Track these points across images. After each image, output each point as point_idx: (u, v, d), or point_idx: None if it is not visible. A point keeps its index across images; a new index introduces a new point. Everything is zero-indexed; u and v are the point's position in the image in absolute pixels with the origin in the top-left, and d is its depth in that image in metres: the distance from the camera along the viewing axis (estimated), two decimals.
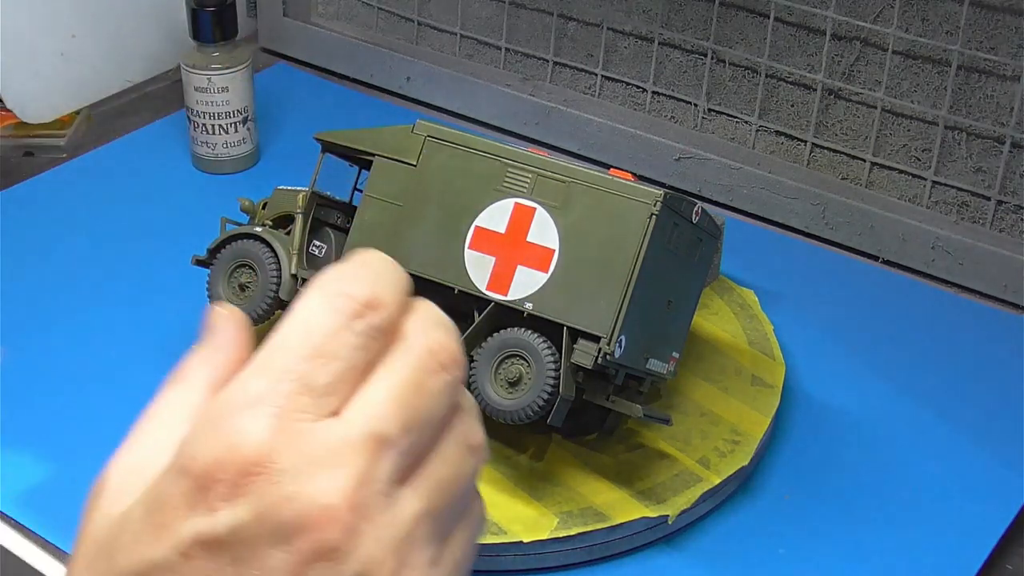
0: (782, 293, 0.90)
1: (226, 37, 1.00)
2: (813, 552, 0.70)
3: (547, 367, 0.65)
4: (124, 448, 0.39)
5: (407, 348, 0.38)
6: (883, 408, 0.80)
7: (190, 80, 1.01)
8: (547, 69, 1.10)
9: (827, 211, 0.97)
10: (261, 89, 1.08)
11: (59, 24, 1.10)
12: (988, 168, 0.92)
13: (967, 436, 0.78)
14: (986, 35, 0.89)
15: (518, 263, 0.68)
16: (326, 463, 0.34)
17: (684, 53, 1.03)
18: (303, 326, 0.38)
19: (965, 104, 0.91)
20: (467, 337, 0.68)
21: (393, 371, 0.37)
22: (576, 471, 0.71)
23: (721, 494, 0.72)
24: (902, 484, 0.75)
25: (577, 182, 0.68)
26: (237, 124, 1.02)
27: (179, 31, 1.06)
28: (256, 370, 0.37)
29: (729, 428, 0.75)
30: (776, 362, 0.80)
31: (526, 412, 0.66)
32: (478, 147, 0.71)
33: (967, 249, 0.92)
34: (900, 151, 0.96)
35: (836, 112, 0.98)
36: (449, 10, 1.14)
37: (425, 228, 0.70)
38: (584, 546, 0.68)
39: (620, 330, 0.65)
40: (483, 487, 0.71)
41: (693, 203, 0.69)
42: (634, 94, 1.07)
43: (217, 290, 0.74)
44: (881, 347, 0.86)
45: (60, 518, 0.70)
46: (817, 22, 0.96)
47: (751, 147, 1.02)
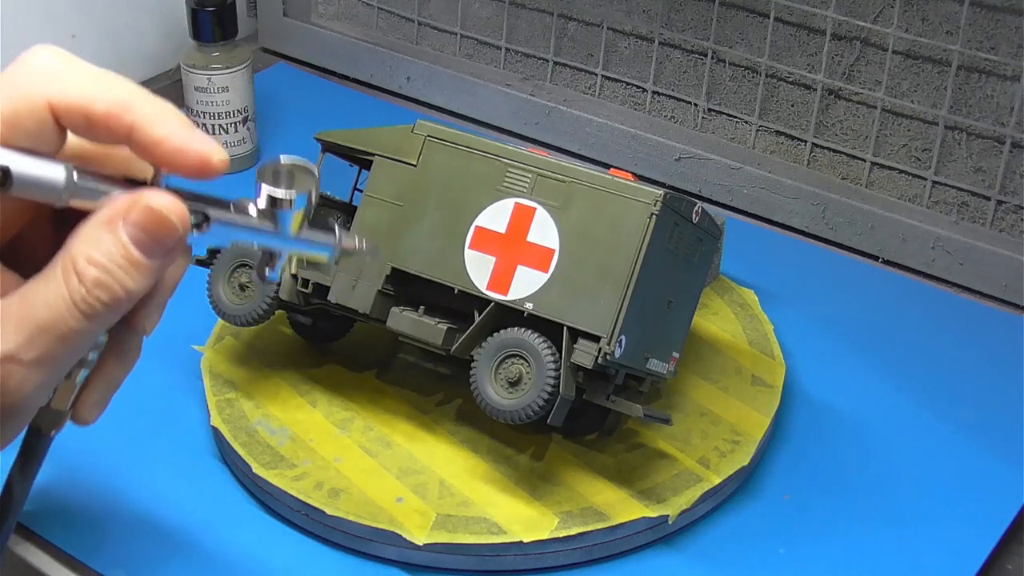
0: (782, 293, 0.90)
1: (226, 37, 1.00)
2: (813, 552, 0.70)
3: (547, 367, 0.65)
4: None
5: None
6: (883, 408, 0.80)
7: (190, 80, 1.01)
8: (547, 69, 1.10)
9: (827, 211, 0.97)
10: (261, 89, 1.08)
11: (59, 24, 1.10)
12: (988, 168, 0.92)
13: (967, 436, 0.78)
14: (986, 35, 0.89)
15: (518, 263, 0.68)
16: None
17: (684, 53, 1.03)
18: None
19: (965, 104, 0.91)
20: (467, 337, 0.68)
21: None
22: (576, 471, 0.71)
23: (721, 494, 0.72)
24: (902, 484, 0.75)
25: (577, 182, 0.68)
26: (237, 124, 1.02)
27: (179, 31, 1.06)
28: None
29: (729, 428, 0.75)
30: (776, 362, 0.80)
31: (526, 412, 0.66)
32: (478, 147, 0.71)
33: (967, 249, 0.92)
34: (900, 151, 0.96)
35: (836, 112, 0.98)
36: (449, 10, 1.14)
37: (425, 228, 0.70)
38: (584, 546, 0.68)
39: (620, 330, 0.65)
40: (483, 487, 0.71)
41: (693, 203, 0.69)
42: (634, 94, 1.07)
43: (217, 290, 0.74)
44: (881, 347, 0.86)
45: (60, 518, 0.70)
46: (817, 22, 0.96)
47: (751, 147, 1.02)
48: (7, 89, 0.44)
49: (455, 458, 0.72)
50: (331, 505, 0.68)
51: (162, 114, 0.45)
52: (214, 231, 0.47)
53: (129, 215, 0.44)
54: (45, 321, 0.44)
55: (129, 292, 0.45)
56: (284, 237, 0.49)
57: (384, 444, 0.73)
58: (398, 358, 0.80)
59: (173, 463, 0.74)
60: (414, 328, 0.70)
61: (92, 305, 0.44)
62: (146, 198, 0.45)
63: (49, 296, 0.44)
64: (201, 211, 0.46)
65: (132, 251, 0.44)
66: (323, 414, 0.75)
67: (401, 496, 0.69)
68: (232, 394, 0.76)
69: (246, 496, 0.72)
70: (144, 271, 0.45)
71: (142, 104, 0.45)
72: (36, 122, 0.44)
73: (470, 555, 0.67)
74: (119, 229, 0.44)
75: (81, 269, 0.44)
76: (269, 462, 0.71)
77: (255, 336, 0.81)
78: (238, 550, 0.69)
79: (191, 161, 0.45)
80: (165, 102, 0.46)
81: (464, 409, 0.76)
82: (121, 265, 0.44)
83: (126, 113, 0.45)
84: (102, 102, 0.44)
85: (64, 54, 0.45)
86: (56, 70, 0.45)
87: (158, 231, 0.45)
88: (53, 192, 0.44)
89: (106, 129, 0.45)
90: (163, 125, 0.45)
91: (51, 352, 0.45)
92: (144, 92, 0.45)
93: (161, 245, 0.45)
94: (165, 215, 0.45)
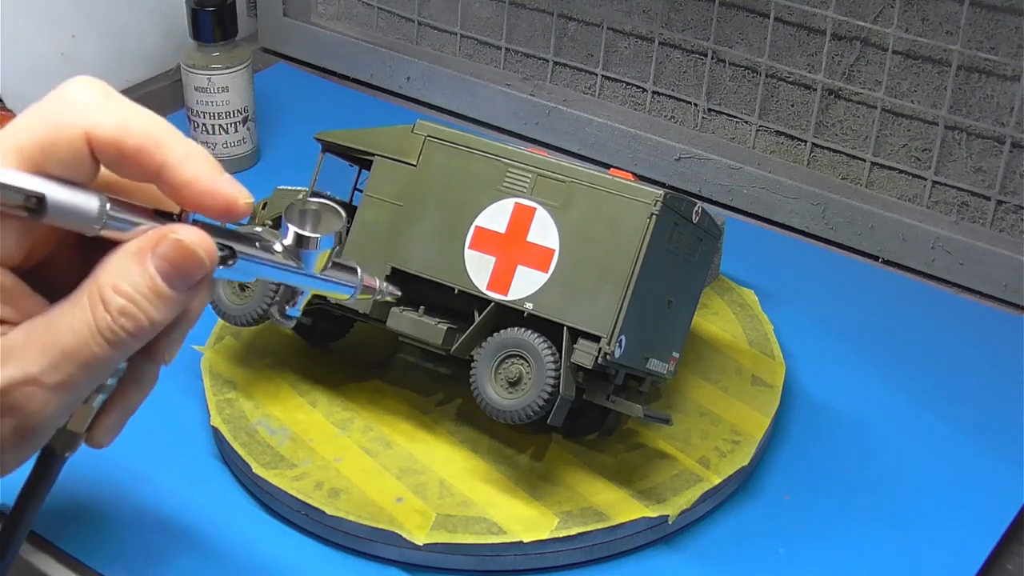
0: (782, 293, 0.90)
1: (226, 37, 1.00)
2: (813, 552, 0.70)
3: (547, 367, 0.65)
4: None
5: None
6: (883, 408, 0.80)
7: (190, 80, 1.01)
8: (547, 69, 1.10)
9: (827, 211, 0.97)
10: (261, 89, 1.08)
11: (59, 24, 1.10)
12: (988, 168, 0.92)
13: (967, 436, 0.78)
14: (986, 35, 0.89)
15: (518, 263, 0.68)
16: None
17: (684, 53, 1.03)
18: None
19: (965, 104, 0.91)
20: (467, 337, 0.68)
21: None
22: (576, 471, 0.71)
23: (721, 494, 0.72)
24: (902, 484, 0.75)
25: (577, 182, 0.68)
26: (237, 124, 1.02)
27: (179, 31, 1.06)
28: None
29: (729, 428, 0.75)
30: (776, 362, 0.80)
31: (526, 412, 0.66)
32: (478, 147, 0.71)
33: (967, 249, 0.92)
34: (900, 151, 0.96)
35: (836, 112, 0.98)
36: (449, 10, 1.14)
37: (425, 228, 0.70)
38: (584, 546, 0.68)
39: (620, 330, 0.65)
40: (483, 487, 0.71)
41: (693, 203, 0.69)
42: (634, 94, 1.07)
43: (217, 290, 0.74)
44: (881, 347, 0.86)
45: (60, 517, 0.70)
46: (817, 22, 0.96)
47: (751, 147, 1.02)
48: (45, 118, 0.45)
49: (455, 458, 0.72)
50: (331, 505, 0.68)
51: (192, 155, 0.46)
52: (240, 267, 0.48)
53: (158, 248, 0.45)
54: (69, 346, 0.45)
55: (153, 322, 0.46)
56: (308, 275, 0.50)
57: (384, 444, 0.73)
58: (398, 358, 0.80)
59: (173, 463, 0.74)
60: (414, 328, 0.70)
61: (116, 333, 0.45)
62: (176, 232, 0.45)
63: (75, 322, 0.45)
64: (228, 246, 0.47)
65: (159, 283, 0.45)
66: (323, 414, 0.75)
67: (401, 496, 0.69)
68: (232, 394, 0.76)
69: (246, 496, 0.72)
70: (169, 303, 0.46)
71: (173, 143, 0.46)
72: (72, 152, 0.45)
73: (470, 555, 0.67)
74: (147, 261, 0.45)
75: (108, 297, 0.45)
76: (269, 462, 0.71)
77: (255, 336, 0.81)
78: (238, 550, 0.69)
79: (218, 204, 0.46)
80: (194, 143, 0.47)
81: (464, 409, 0.76)
82: (147, 296, 0.45)
83: (157, 151, 0.45)
84: (135, 137, 0.45)
85: (102, 86, 0.46)
86: (93, 101, 0.45)
87: (185, 264, 0.45)
88: (86, 221, 0.44)
89: (136, 165, 0.45)
90: (193, 166, 0.46)
91: (73, 377, 0.45)
92: (176, 132, 0.46)
93: (188, 278, 0.46)
94: (193, 249, 0.46)
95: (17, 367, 0.45)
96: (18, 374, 0.45)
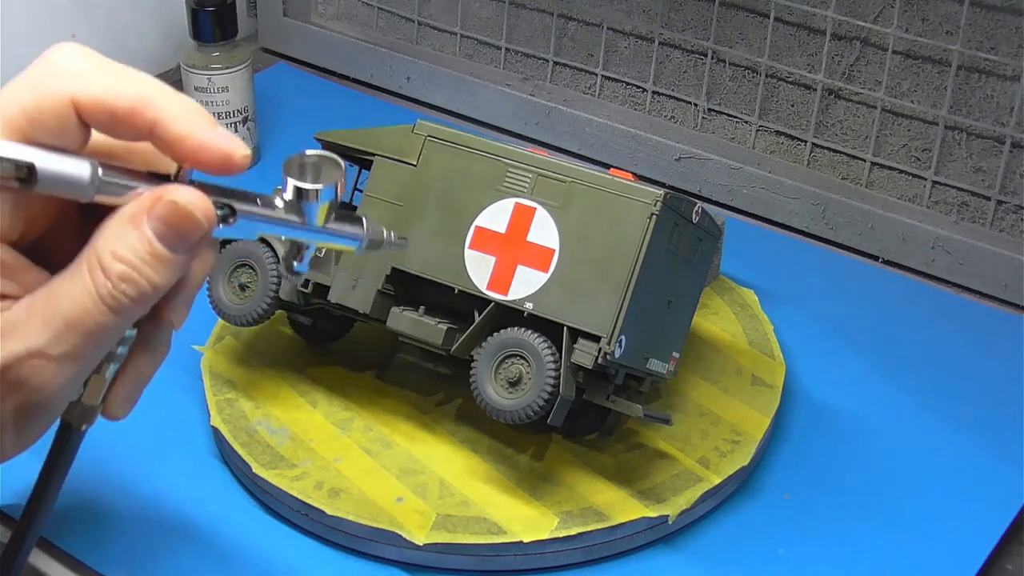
0: (782, 293, 0.90)
1: (226, 37, 1.00)
2: (813, 552, 0.70)
3: (547, 367, 0.65)
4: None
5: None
6: (883, 408, 0.80)
7: (190, 80, 1.01)
8: (547, 69, 1.10)
9: (827, 211, 0.97)
10: (261, 89, 1.08)
11: (59, 24, 1.10)
12: (988, 168, 0.92)
13: (967, 436, 0.78)
14: (986, 35, 0.89)
15: (518, 263, 0.68)
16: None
17: (684, 53, 1.03)
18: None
19: (965, 104, 0.91)
20: (467, 337, 0.68)
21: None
22: (576, 471, 0.71)
23: (721, 494, 0.72)
24: (902, 484, 0.75)
25: (577, 182, 0.68)
26: (237, 124, 1.02)
27: (179, 31, 1.06)
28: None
29: (729, 428, 0.75)
30: (776, 362, 0.80)
31: (526, 412, 0.66)
32: (478, 147, 0.71)
33: (967, 249, 0.92)
34: (900, 151, 0.96)
35: (836, 112, 0.98)
36: (449, 10, 1.14)
37: (425, 228, 0.70)
38: (584, 546, 0.68)
39: (620, 330, 0.65)
40: (483, 487, 0.71)
41: (693, 203, 0.69)
42: (634, 94, 1.07)
43: (217, 290, 0.74)
44: (881, 347, 0.86)
45: (60, 517, 0.70)
46: (817, 22, 0.96)
47: (751, 147, 1.02)
48: (31, 86, 0.44)
49: (455, 458, 0.72)
50: (331, 505, 0.68)
51: (185, 110, 0.45)
52: (240, 224, 0.47)
53: (153, 210, 0.45)
54: (71, 316, 0.45)
55: (155, 286, 0.45)
56: (311, 229, 0.49)
57: (384, 444, 0.73)
58: (398, 358, 0.80)
59: (173, 463, 0.74)
60: (414, 328, 0.70)
61: (118, 299, 0.45)
62: (170, 193, 0.45)
63: (75, 291, 0.45)
64: (227, 204, 0.47)
65: (156, 245, 0.45)
66: (323, 414, 0.75)
67: (401, 496, 0.69)
68: (232, 394, 0.76)
69: (246, 496, 0.72)
70: (169, 265, 0.45)
71: (165, 100, 0.45)
72: (59, 119, 0.44)
73: (470, 555, 0.67)
74: (143, 224, 0.45)
75: (106, 264, 0.44)
76: (269, 462, 0.71)
77: (255, 336, 0.81)
78: (238, 550, 0.69)
79: (214, 158, 0.46)
80: (187, 98, 0.46)
81: (464, 409, 0.76)
82: (146, 259, 0.45)
83: (149, 110, 0.45)
84: (125, 99, 0.44)
85: (87, 51, 0.46)
86: (79, 67, 0.45)
87: (182, 225, 0.45)
88: (79, 188, 0.44)
89: (129, 126, 0.45)
90: (186, 122, 0.45)
91: (78, 347, 0.45)
92: (167, 88, 0.46)
93: (185, 239, 0.45)
94: (189, 210, 0.45)
95: (20, 341, 0.45)
96: (22, 348, 0.45)
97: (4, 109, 0.44)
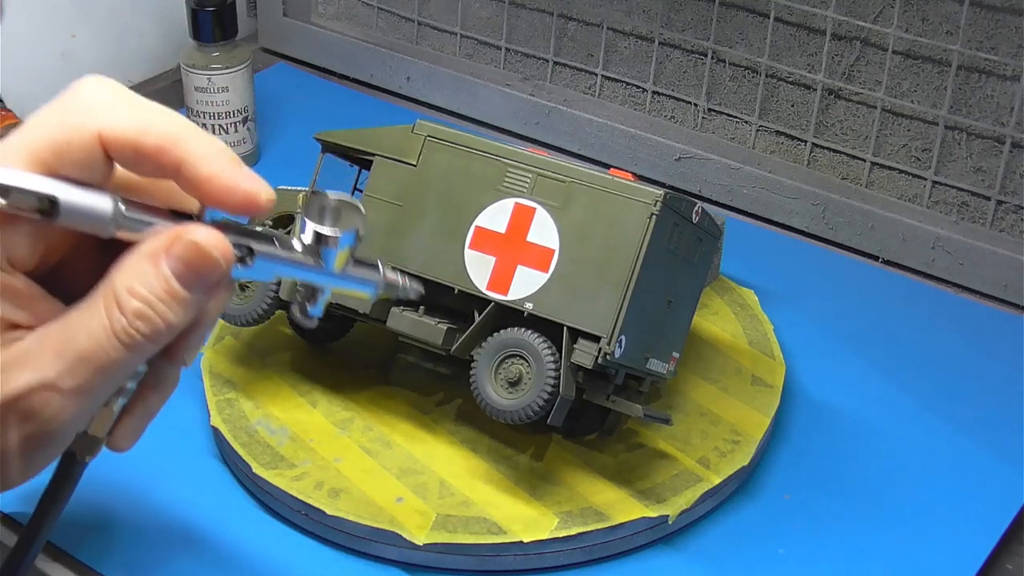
0: (782, 293, 0.90)
1: (226, 37, 1.00)
2: (813, 552, 0.70)
3: (547, 367, 0.65)
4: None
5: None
6: (883, 408, 0.80)
7: (190, 80, 1.01)
8: (547, 69, 1.10)
9: (827, 211, 0.97)
10: (261, 89, 1.08)
11: (59, 24, 1.10)
12: (988, 168, 0.92)
13: (967, 436, 0.78)
14: (986, 35, 0.89)
15: (518, 263, 0.68)
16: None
17: (684, 53, 1.03)
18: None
19: (965, 104, 0.91)
20: (467, 337, 0.68)
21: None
22: (576, 471, 0.71)
23: (721, 494, 0.72)
24: (902, 484, 0.75)
25: (577, 182, 0.68)
26: (237, 124, 1.02)
27: (179, 31, 1.06)
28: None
29: (729, 428, 0.75)
30: (776, 362, 0.80)
31: (526, 412, 0.66)
32: (478, 147, 0.71)
33: (967, 249, 0.92)
34: (900, 151, 0.96)
35: (836, 112, 0.98)
36: (449, 10, 1.14)
37: (425, 228, 0.70)
38: (584, 546, 0.68)
39: (620, 330, 0.65)
40: (483, 487, 0.71)
41: (693, 203, 0.69)
42: (634, 94, 1.07)
43: None
44: (881, 347, 0.86)
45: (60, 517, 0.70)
46: (817, 22, 0.96)
47: (751, 147, 1.02)
48: (58, 119, 0.44)
49: (455, 458, 0.72)
50: (331, 505, 0.68)
51: (211, 151, 0.45)
52: (258, 266, 0.47)
53: (172, 249, 0.44)
54: (85, 350, 0.44)
55: (170, 325, 0.45)
56: (328, 274, 0.49)
57: (384, 444, 0.73)
58: (398, 358, 0.80)
59: (173, 463, 0.74)
60: (414, 328, 0.70)
61: (133, 336, 0.44)
62: (190, 232, 0.45)
63: (90, 325, 0.44)
64: (246, 245, 0.46)
65: (174, 284, 0.45)
66: (323, 414, 0.75)
67: (401, 496, 0.69)
68: (232, 394, 0.76)
69: (246, 496, 0.72)
70: (185, 304, 0.45)
71: (192, 140, 0.45)
72: (85, 153, 0.44)
73: (470, 555, 0.67)
74: (162, 262, 0.44)
75: (123, 300, 0.44)
76: (269, 462, 0.71)
77: (255, 336, 0.81)
78: (238, 550, 0.69)
79: (238, 200, 0.45)
80: (213, 137, 0.46)
81: (464, 409, 0.76)
82: (162, 298, 0.44)
83: (176, 148, 0.44)
84: (152, 136, 0.44)
85: (116, 85, 0.45)
86: (108, 101, 0.45)
87: (200, 266, 0.45)
88: (100, 223, 0.44)
89: (155, 164, 0.45)
90: (212, 162, 0.45)
91: (90, 381, 0.45)
92: (193, 126, 0.45)
93: (203, 280, 0.45)
94: (208, 250, 0.45)
95: (33, 372, 0.44)
96: (34, 379, 0.44)
97: (30, 141, 0.44)
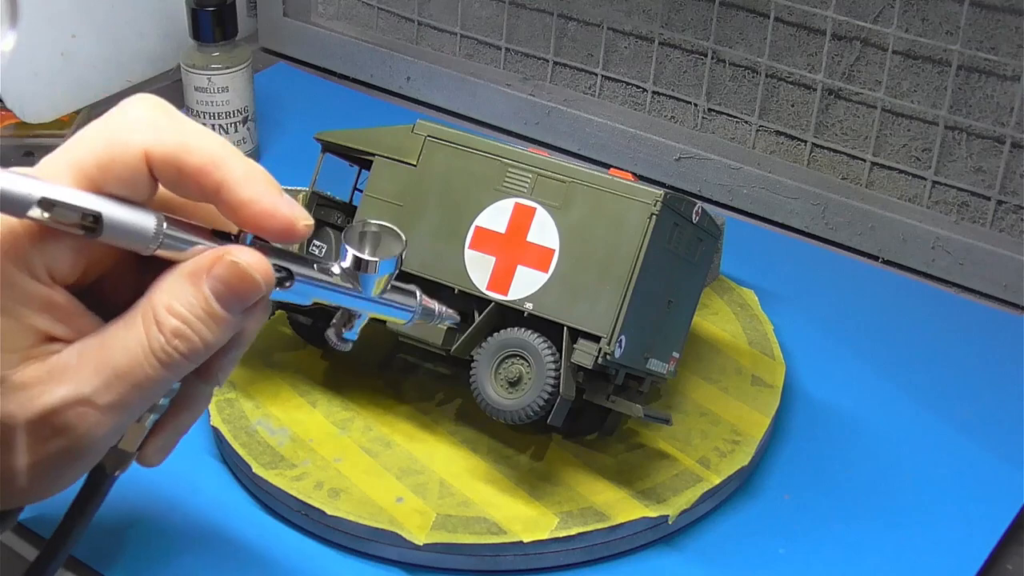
0: (782, 293, 0.90)
1: (226, 37, 1.00)
2: (813, 552, 0.70)
3: (547, 367, 0.65)
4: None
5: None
6: (883, 408, 0.80)
7: (190, 80, 1.01)
8: (547, 69, 1.10)
9: (827, 211, 0.97)
10: (261, 89, 1.08)
11: (59, 24, 1.10)
12: (988, 168, 0.92)
13: (967, 436, 0.78)
14: (986, 35, 0.89)
15: (518, 263, 0.68)
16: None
17: (684, 53, 1.03)
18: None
19: (965, 104, 0.91)
20: (467, 337, 0.68)
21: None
22: (576, 471, 0.71)
23: (721, 494, 0.72)
24: (902, 484, 0.75)
25: (577, 182, 0.68)
26: (237, 124, 1.02)
27: (179, 31, 1.06)
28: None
29: (729, 428, 0.75)
30: (776, 362, 0.80)
31: (526, 412, 0.66)
32: (478, 147, 0.71)
33: (967, 249, 0.92)
34: (900, 151, 0.96)
35: (836, 112, 0.98)
36: (449, 10, 1.14)
37: (425, 228, 0.70)
38: (584, 546, 0.68)
39: (620, 330, 0.65)
40: (483, 487, 0.71)
41: (693, 203, 0.69)
42: (634, 94, 1.07)
43: None
44: (881, 347, 0.86)
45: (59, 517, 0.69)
46: (817, 22, 0.96)
47: (751, 147, 1.02)
48: (104, 135, 0.44)
49: (455, 458, 0.72)
50: (331, 505, 0.68)
51: (251, 175, 0.45)
52: (297, 289, 0.47)
53: (213, 269, 0.45)
54: (122, 367, 0.44)
55: (208, 344, 0.45)
56: (366, 299, 0.50)
57: (384, 444, 0.73)
58: (398, 358, 0.80)
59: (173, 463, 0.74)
60: (414, 328, 0.70)
61: (170, 354, 0.45)
62: (232, 253, 0.45)
63: (128, 342, 0.45)
64: (286, 268, 0.47)
65: (213, 305, 0.45)
66: (323, 414, 0.75)
67: (401, 496, 0.69)
68: (232, 394, 0.76)
69: (246, 496, 0.72)
70: (224, 325, 0.45)
71: (233, 163, 0.45)
72: (131, 171, 0.44)
73: (470, 555, 0.67)
74: (203, 282, 0.45)
75: (161, 318, 0.44)
76: (269, 462, 0.71)
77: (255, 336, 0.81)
78: (238, 550, 0.69)
79: (276, 225, 0.46)
80: (253, 161, 0.46)
81: (464, 409, 0.76)
82: (201, 317, 0.45)
83: (217, 170, 0.45)
84: (195, 157, 0.44)
85: (163, 104, 0.46)
86: (153, 120, 0.45)
87: (241, 287, 0.45)
88: (142, 241, 0.44)
89: (196, 184, 0.45)
90: (252, 187, 0.45)
91: (126, 398, 0.45)
92: (235, 151, 0.45)
93: (243, 301, 0.45)
94: (250, 272, 0.45)
95: (70, 387, 0.44)
96: (71, 394, 0.44)
97: (76, 157, 0.44)
